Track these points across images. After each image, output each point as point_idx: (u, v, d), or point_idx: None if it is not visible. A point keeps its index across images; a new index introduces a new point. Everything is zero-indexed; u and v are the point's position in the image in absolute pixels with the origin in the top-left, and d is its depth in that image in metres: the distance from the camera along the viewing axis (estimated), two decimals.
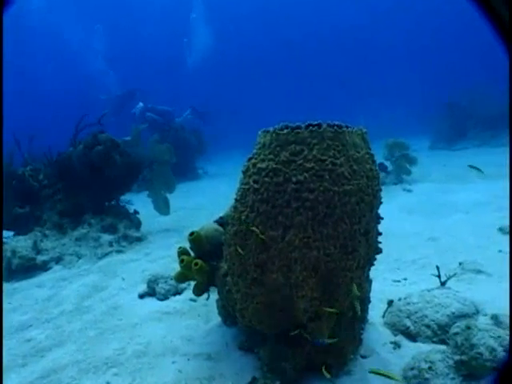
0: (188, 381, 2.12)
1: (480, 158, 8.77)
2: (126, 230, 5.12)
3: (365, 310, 2.34)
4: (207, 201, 7.65)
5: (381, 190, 1.95)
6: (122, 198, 5.85)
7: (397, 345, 2.27)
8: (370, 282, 2.25)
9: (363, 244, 1.82)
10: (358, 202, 1.75)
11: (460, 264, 3.13)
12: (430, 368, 1.92)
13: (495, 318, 2.27)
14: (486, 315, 2.37)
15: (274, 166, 1.75)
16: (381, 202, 1.97)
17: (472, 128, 11.61)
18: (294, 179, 1.70)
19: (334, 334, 1.94)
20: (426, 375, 1.91)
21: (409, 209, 5.18)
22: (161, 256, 4.38)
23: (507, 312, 2.32)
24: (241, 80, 28.86)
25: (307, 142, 1.74)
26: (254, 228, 1.75)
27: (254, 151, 1.88)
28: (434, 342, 2.23)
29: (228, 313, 2.47)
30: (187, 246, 2.44)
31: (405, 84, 22.34)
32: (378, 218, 1.98)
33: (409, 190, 6.41)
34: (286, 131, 1.77)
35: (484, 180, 6.73)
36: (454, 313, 2.28)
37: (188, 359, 2.32)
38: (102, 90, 13.20)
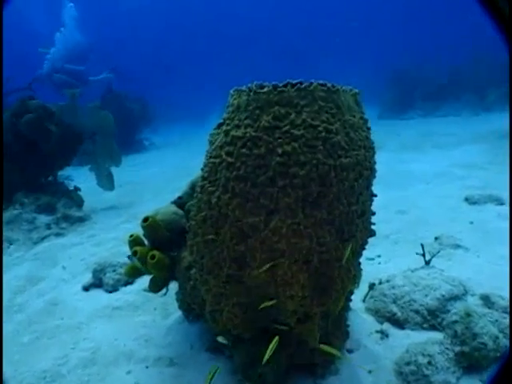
0: None
1: (429, 127, 9.01)
2: (65, 210, 4.56)
3: (348, 299, 2.08)
4: (155, 174, 7.28)
5: (375, 162, 1.64)
6: (61, 173, 5.22)
7: (384, 334, 2.04)
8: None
9: (360, 227, 1.51)
10: (357, 177, 1.43)
11: (436, 239, 2.96)
12: (429, 363, 1.70)
13: (485, 299, 2.11)
14: (474, 295, 2.21)
15: (254, 133, 1.37)
16: (374, 177, 1.67)
17: (417, 99, 11.99)
18: (279, 150, 1.34)
19: (322, 331, 1.65)
20: (426, 371, 1.68)
21: None
22: (107, 238, 3.90)
23: (495, 290, 2.17)
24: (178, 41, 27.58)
25: (294, 103, 1.37)
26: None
27: (226, 115, 1.49)
28: (424, 329, 2.02)
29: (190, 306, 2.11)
30: (138, 229, 2.02)
31: (353, 53, 22.36)
32: (372, 196, 1.68)
33: None
34: (266, 89, 1.39)
35: (438, 149, 6.80)
36: (443, 295, 2.07)
37: (146, 366, 1.95)
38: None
